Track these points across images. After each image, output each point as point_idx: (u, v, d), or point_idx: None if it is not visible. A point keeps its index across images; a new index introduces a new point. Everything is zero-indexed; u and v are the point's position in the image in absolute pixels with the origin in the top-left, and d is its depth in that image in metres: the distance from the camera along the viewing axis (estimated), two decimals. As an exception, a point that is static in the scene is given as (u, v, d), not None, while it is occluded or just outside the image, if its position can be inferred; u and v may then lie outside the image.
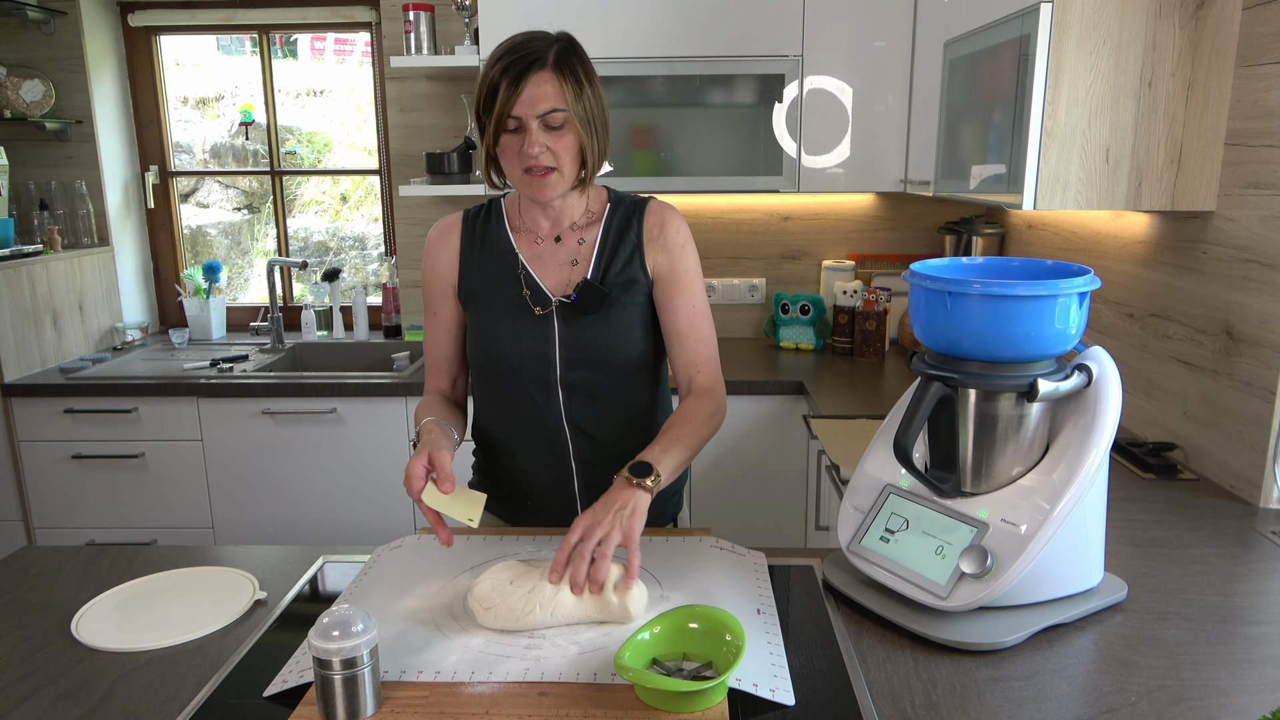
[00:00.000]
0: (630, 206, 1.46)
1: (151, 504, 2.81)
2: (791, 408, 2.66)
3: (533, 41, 1.31)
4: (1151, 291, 1.92)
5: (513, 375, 1.43)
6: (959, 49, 2.10)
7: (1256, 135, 1.58)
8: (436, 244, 1.48)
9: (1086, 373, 1.12)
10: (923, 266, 1.18)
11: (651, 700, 0.94)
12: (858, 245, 3.23)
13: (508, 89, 1.27)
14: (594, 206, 1.46)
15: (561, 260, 1.43)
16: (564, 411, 1.44)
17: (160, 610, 1.21)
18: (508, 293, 1.43)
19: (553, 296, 1.41)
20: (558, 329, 1.41)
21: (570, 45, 1.33)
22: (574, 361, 1.41)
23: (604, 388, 1.43)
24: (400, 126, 3.18)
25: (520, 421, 1.46)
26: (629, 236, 1.43)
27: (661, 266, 1.43)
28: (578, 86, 1.30)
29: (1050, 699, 0.99)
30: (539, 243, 1.44)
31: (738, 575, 1.24)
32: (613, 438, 1.46)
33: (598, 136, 1.34)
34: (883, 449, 1.27)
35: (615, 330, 1.41)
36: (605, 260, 1.42)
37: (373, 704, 0.93)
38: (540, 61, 1.28)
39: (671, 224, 1.44)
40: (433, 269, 1.48)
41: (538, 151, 1.29)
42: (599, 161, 1.36)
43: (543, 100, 1.28)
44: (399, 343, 3.23)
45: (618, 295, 1.41)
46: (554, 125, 1.30)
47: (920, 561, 1.14)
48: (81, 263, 3.06)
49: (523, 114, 1.28)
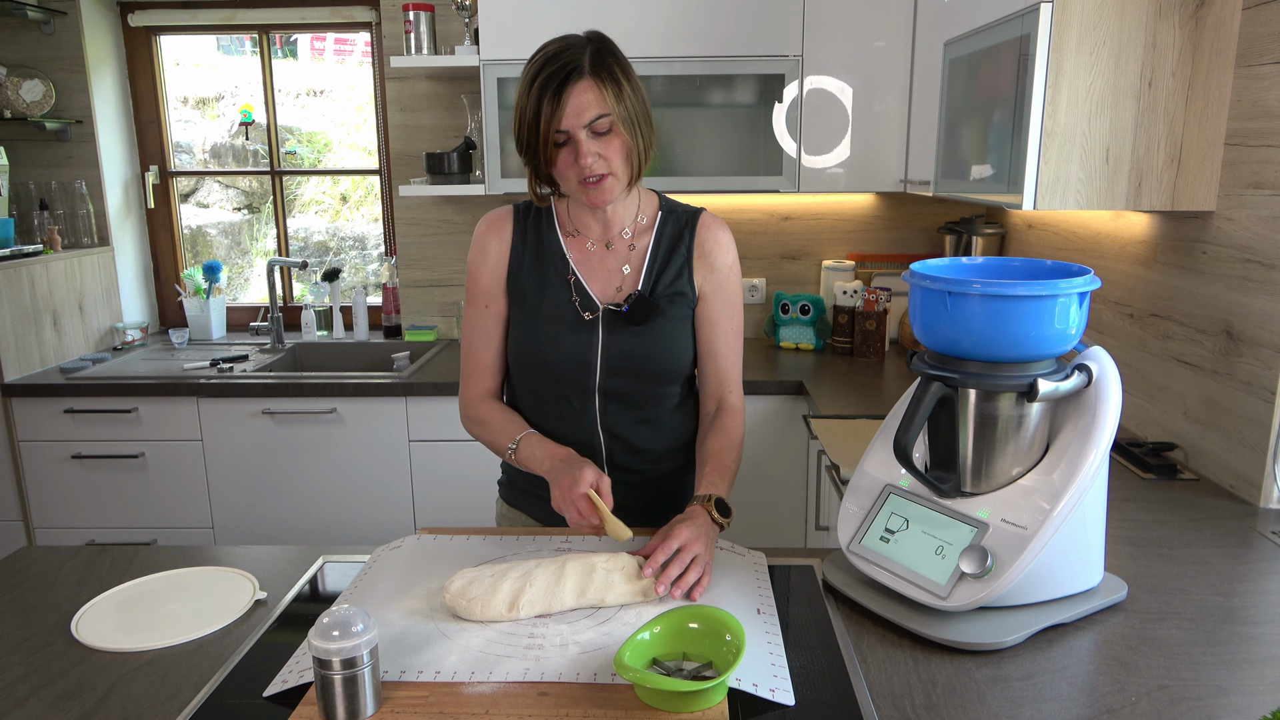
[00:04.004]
0: (682, 218, 1.45)
1: (151, 504, 2.81)
2: (791, 408, 2.66)
3: (566, 50, 1.29)
4: (1151, 291, 1.92)
5: (552, 378, 1.43)
6: (959, 49, 2.10)
7: (1256, 135, 1.58)
8: (488, 236, 1.45)
9: (1086, 373, 1.12)
10: (923, 266, 1.18)
11: (651, 700, 0.94)
12: (858, 245, 3.23)
13: (550, 104, 1.26)
14: (645, 213, 1.45)
15: (611, 267, 1.43)
16: (599, 417, 1.44)
17: (160, 610, 1.21)
18: (556, 296, 1.42)
19: (600, 303, 1.41)
20: (601, 336, 1.41)
21: (603, 45, 1.31)
22: (614, 369, 1.41)
23: (640, 396, 1.44)
24: (400, 126, 3.18)
25: (555, 424, 1.46)
26: (680, 250, 1.43)
27: (709, 284, 1.44)
28: (617, 88, 1.28)
29: (1050, 699, 0.99)
30: (590, 247, 1.43)
31: (738, 575, 1.24)
32: (646, 443, 1.47)
33: (642, 133, 1.33)
34: (883, 449, 1.27)
35: (658, 341, 1.42)
36: (656, 272, 1.42)
37: (373, 704, 0.93)
38: (578, 70, 1.27)
39: (723, 243, 1.45)
40: (483, 262, 1.45)
41: (590, 161, 1.28)
42: (646, 157, 1.35)
43: (586, 109, 1.27)
44: (399, 343, 3.23)
45: (664, 308, 1.41)
46: (600, 131, 1.29)
47: (920, 561, 1.14)
48: (81, 263, 3.06)
49: (569, 126, 1.27)
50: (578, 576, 1.15)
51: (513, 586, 1.12)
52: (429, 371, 2.83)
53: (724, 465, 1.40)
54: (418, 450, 2.75)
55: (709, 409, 1.50)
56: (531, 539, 1.37)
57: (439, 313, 3.33)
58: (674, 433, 1.50)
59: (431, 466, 2.76)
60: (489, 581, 1.13)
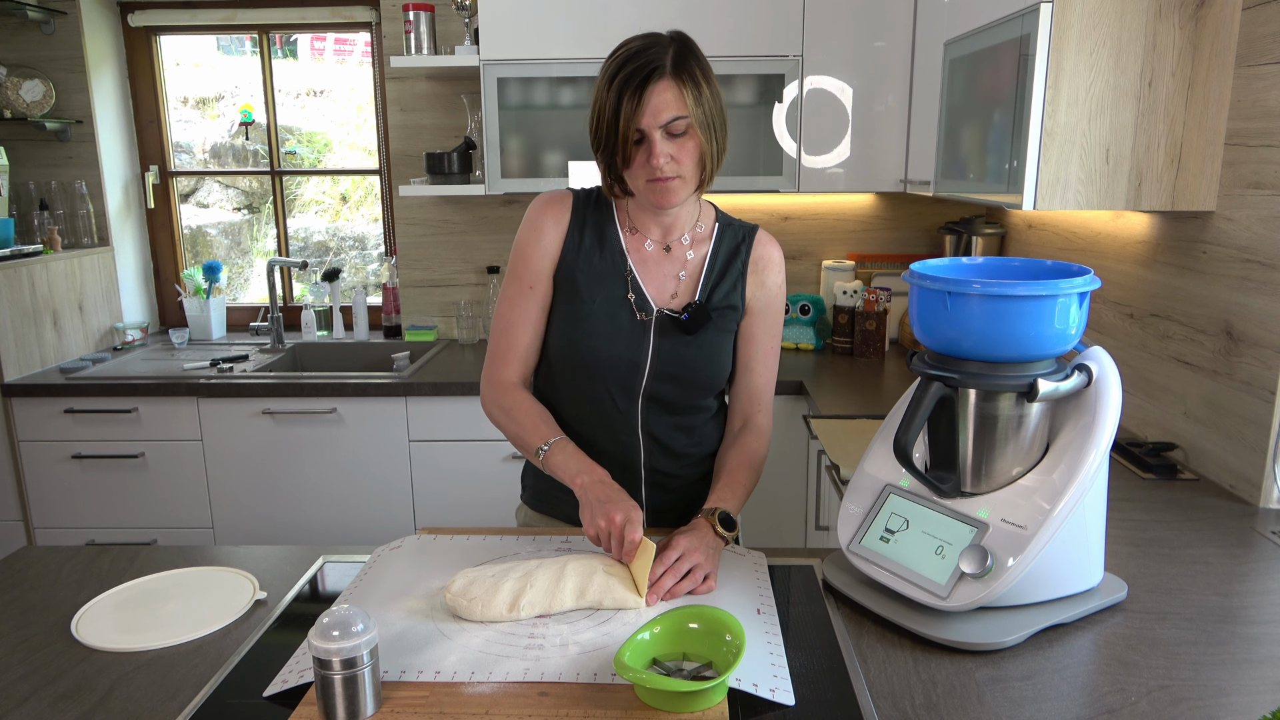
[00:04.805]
0: (739, 232, 1.45)
1: (151, 504, 2.81)
2: (791, 408, 2.66)
3: (650, 48, 1.27)
4: (1151, 291, 1.92)
5: (598, 376, 1.40)
6: (959, 49, 2.10)
7: (1256, 135, 1.58)
8: (544, 217, 1.41)
9: (1086, 373, 1.12)
10: (923, 266, 1.18)
11: (651, 700, 0.94)
12: (858, 245, 3.23)
13: (630, 102, 1.25)
14: (704, 222, 1.45)
15: (668, 271, 1.42)
16: (640, 420, 1.43)
17: (160, 610, 1.21)
18: (611, 292, 1.39)
19: (655, 306, 1.40)
20: (653, 339, 1.40)
21: (685, 45, 1.30)
22: (662, 374, 1.40)
23: (682, 403, 1.44)
24: (400, 126, 3.18)
25: (595, 423, 1.43)
26: (735, 264, 1.43)
27: (757, 300, 1.44)
28: (697, 90, 1.27)
29: (1050, 699, 0.99)
30: (648, 248, 1.42)
31: (738, 575, 1.24)
32: (683, 449, 1.47)
33: (717, 139, 1.31)
34: (883, 449, 1.27)
35: (707, 351, 1.41)
36: (712, 283, 1.42)
37: (373, 704, 0.93)
38: (660, 70, 1.25)
39: (776, 261, 1.46)
40: (536, 242, 1.40)
41: (663, 163, 1.27)
42: (718, 162, 1.33)
43: (664, 110, 1.25)
44: (399, 343, 3.23)
45: (716, 319, 1.40)
46: (676, 133, 1.27)
47: (920, 561, 1.14)
48: (81, 263, 3.06)
49: (646, 126, 1.26)
50: (578, 578, 1.15)
51: (513, 587, 1.12)
52: (429, 371, 2.83)
53: (737, 482, 1.39)
54: (418, 450, 2.75)
55: (734, 425, 1.49)
56: (531, 539, 1.37)
57: (439, 313, 3.33)
58: (709, 441, 1.50)
59: (431, 466, 2.76)
60: (490, 582, 1.13)
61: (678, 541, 1.21)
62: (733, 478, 1.39)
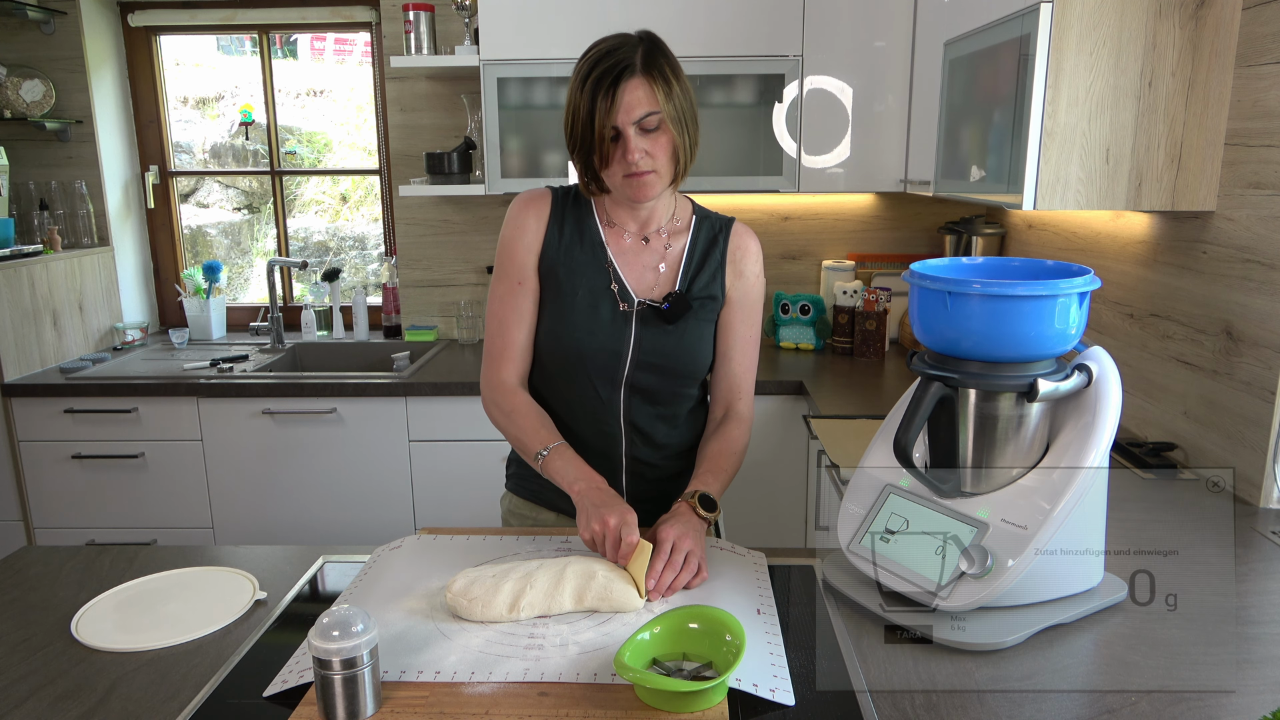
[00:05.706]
0: (716, 224, 1.48)
1: (151, 504, 2.81)
2: (791, 408, 2.66)
3: (620, 48, 1.31)
4: (1151, 291, 1.92)
5: (581, 367, 1.43)
6: (959, 49, 2.09)
7: (1256, 135, 1.58)
8: (525, 214, 1.45)
9: (1086, 373, 1.12)
10: (923, 266, 1.18)
11: (651, 700, 0.94)
12: (858, 245, 3.23)
13: (604, 100, 1.28)
14: (680, 215, 1.48)
15: (647, 263, 1.45)
16: (623, 410, 1.45)
17: (160, 610, 1.21)
18: (593, 283, 1.42)
19: (636, 296, 1.43)
20: (635, 329, 1.42)
21: (654, 44, 1.34)
22: (644, 364, 1.43)
23: (664, 392, 1.46)
24: (400, 126, 3.18)
25: (578, 414, 1.47)
26: (714, 254, 1.46)
27: (736, 290, 1.47)
28: (667, 86, 1.30)
29: (1050, 699, 0.99)
30: (626, 240, 1.45)
31: (738, 575, 1.24)
32: (664, 438, 1.49)
33: (689, 133, 1.35)
34: (883, 449, 1.27)
35: (688, 341, 1.44)
36: (692, 272, 1.44)
37: (373, 704, 0.93)
38: (631, 68, 1.29)
39: (753, 252, 1.49)
40: (520, 238, 1.44)
41: (638, 158, 1.30)
42: (692, 155, 1.37)
43: (637, 106, 1.29)
44: (399, 343, 3.23)
45: (696, 309, 1.43)
46: (649, 128, 1.31)
47: (920, 561, 1.14)
48: (81, 263, 3.06)
49: (620, 123, 1.29)
50: (578, 580, 1.15)
51: (514, 588, 1.12)
52: (429, 371, 2.83)
53: (719, 468, 1.41)
54: (418, 450, 2.75)
55: (716, 414, 1.51)
56: (531, 539, 1.37)
57: (439, 313, 3.33)
58: (691, 431, 1.52)
59: (431, 466, 2.76)
60: (490, 582, 1.13)
61: (664, 531, 1.23)
62: (714, 463, 1.42)
